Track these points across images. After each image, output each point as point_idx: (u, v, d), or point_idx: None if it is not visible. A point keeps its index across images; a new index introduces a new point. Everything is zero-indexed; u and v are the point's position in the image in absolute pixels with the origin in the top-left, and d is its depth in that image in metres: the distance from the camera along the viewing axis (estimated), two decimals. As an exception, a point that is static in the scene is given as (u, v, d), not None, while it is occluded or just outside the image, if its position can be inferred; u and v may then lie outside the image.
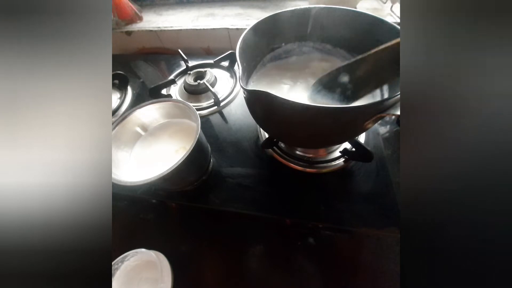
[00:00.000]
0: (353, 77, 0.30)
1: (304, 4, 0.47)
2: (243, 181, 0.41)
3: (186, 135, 0.39)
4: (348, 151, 0.40)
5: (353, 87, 0.30)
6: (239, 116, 0.51)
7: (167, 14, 0.75)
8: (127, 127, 0.38)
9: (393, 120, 0.47)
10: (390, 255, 0.33)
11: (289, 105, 0.24)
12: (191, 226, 0.39)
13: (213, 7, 0.74)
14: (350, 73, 0.30)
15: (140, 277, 0.34)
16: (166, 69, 0.67)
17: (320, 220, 0.36)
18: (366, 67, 0.29)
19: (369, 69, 0.29)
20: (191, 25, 0.68)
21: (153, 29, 0.70)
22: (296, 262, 0.34)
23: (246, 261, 0.35)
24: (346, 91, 0.31)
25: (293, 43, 0.41)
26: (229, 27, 0.64)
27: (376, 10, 0.59)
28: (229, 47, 0.68)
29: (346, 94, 0.31)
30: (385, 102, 0.23)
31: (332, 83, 0.32)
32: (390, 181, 0.39)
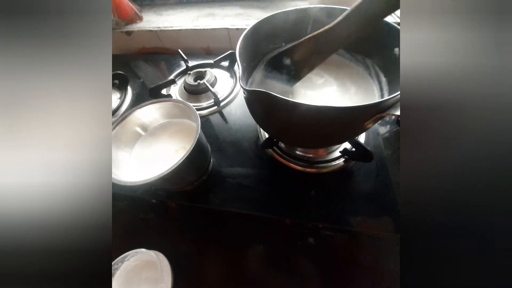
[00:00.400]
0: (292, 61, 0.35)
1: (304, 4, 0.46)
2: (243, 181, 0.41)
3: (186, 135, 0.39)
4: (348, 151, 0.40)
5: (295, 69, 0.36)
6: (239, 116, 0.51)
7: (167, 14, 0.75)
8: (127, 127, 0.38)
9: (393, 120, 0.47)
10: (390, 255, 0.33)
11: (289, 105, 0.24)
12: (191, 226, 0.39)
13: (213, 7, 0.74)
14: (290, 57, 0.35)
15: (140, 277, 0.34)
16: (166, 69, 0.67)
17: (320, 220, 0.36)
18: (300, 52, 0.34)
19: (303, 54, 0.34)
20: (191, 25, 0.68)
21: (153, 29, 0.70)
22: (296, 262, 0.34)
23: (246, 261, 0.35)
24: (290, 72, 0.36)
25: (293, 43, 0.41)
26: (229, 27, 0.64)
27: (376, 10, 0.59)
28: (229, 47, 0.68)
29: (291, 74, 0.37)
30: (385, 102, 0.23)
31: (278, 64, 0.37)
32: (390, 181, 0.39)
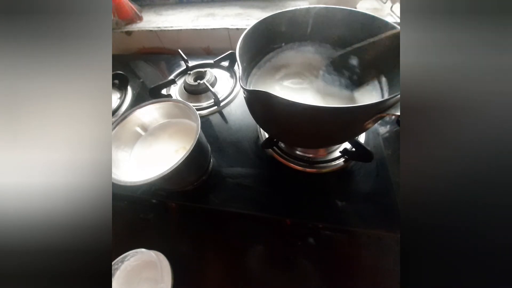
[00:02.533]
0: (361, 61, 0.33)
1: (304, 4, 0.46)
2: (243, 181, 0.41)
3: (186, 135, 0.39)
4: (348, 151, 0.40)
5: (360, 71, 0.34)
6: (239, 116, 0.51)
7: (167, 14, 0.75)
8: (127, 127, 0.38)
9: (393, 120, 0.47)
10: (390, 255, 0.33)
11: (289, 105, 0.23)
12: (191, 226, 0.39)
13: (213, 7, 0.74)
14: (359, 56, 0.33)
15: (140, 277, 0.34)
16: (166, 69, 0.67)
17: (320, 220, 0.36)
18: (374, 51, 0.32)
19: (376, 54, 0.32)
20: (191, 25, 0.68)
21: (153, 29, 0.70)
22: (296, 262, 0.34)
23: (246, 261, 0.35)
24: (353, 75, 0.34)
25: (293, 43, 0.41)
26: (229, 27, 0.64)
27: (376, 10, 0.59)
28: (229, 47, 0.68)
29: (353, 79, 0.35)
30: (385, 102, 0.23)
31: (343, 64, 0.35)
32: (390, 181, 0.39)
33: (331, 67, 0.37)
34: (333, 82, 0.37)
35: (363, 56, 0.34)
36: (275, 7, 0.69)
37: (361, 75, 0.35)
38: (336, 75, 0.37)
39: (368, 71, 0.34)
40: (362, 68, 0.35)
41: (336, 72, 0.37)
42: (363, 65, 0.34)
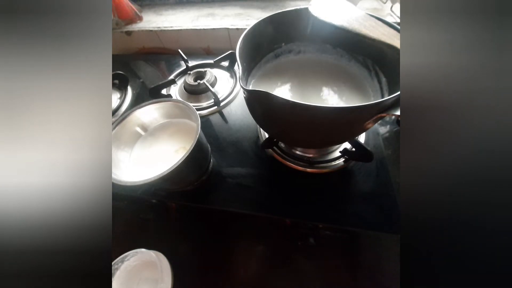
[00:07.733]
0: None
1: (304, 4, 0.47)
2: (243, 181, 0.41)
3: (186, 135, 0.39)
4: (348, 151, 0.40)
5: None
6: (239, 116, 0.51)
7: (167, 14, 0.75)
8: (127, 127, 0.38)
9: (393, 120, 0.47)
10: (390, 255, 0.33)
11: (289, 105, 0.23)
12: (191, 226, 0.39)
13: (213, 7, 0.74)
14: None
15: (140, 277, 0.34)
16: (166, 69, 0.67)
17: (320, 220, 0.36)
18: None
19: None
20: (191, 25, 0.68)
21: (153, 29, 0.70)
22: (296, 262, 0.34)
23: (246, 261, 0.35)
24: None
25: (293, 43, 0.41)
26: (229, 27, 0.64)
27: (376, 10, 0.60)
28: (229, 47, 0.68)
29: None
30: (385, 102, 0.23)
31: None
32: (390, 181, 0.39)
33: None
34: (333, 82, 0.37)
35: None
36: (275, 7, 0.69)
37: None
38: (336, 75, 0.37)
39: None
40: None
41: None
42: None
